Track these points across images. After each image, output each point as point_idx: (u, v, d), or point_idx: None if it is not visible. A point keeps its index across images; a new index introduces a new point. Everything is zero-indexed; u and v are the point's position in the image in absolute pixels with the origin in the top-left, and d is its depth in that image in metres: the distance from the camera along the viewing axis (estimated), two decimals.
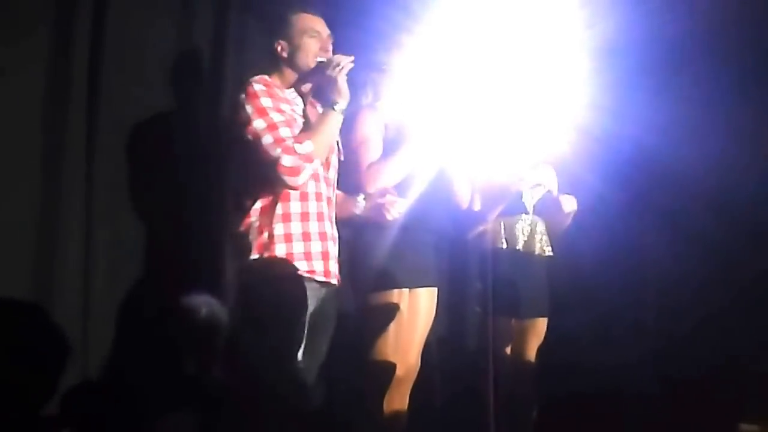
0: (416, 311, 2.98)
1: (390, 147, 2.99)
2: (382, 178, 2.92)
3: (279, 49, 2.72)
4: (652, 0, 3.33)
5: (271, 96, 2.60)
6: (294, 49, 2.71)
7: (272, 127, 2.54)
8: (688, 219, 3.47)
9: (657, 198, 3.53)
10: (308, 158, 2.54)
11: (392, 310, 2.91)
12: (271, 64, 2.75)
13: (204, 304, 2.47)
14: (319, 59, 2.69)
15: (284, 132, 2.55)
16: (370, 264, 2.91)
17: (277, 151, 2.51)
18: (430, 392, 3.28)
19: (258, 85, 2.61)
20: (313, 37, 2.72)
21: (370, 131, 2.98)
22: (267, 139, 2.53)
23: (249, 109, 2.56)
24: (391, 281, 2.91)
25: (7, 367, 2.62)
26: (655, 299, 3.59)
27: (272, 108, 2.58)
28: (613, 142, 3.16)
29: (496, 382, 2.79)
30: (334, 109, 2.64)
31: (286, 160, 2.51)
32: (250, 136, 2.54)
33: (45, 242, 2.80)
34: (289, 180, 2.53)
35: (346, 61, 2.64)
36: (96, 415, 2.84)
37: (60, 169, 2.84)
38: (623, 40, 3.10)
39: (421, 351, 3.03)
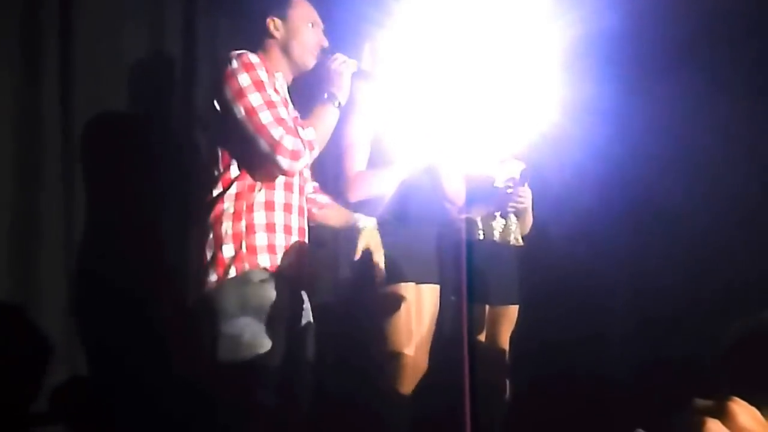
0: (421, 307, 2.98)
1: (376, 151, 2.97)
2: (366, 190, 2.88)
3: (272, 26, 2.53)
4: None
5: (267, 71, 2.42)
6: (291, 34, 2.55)
7: (270, 104, 2.34)
8: (656, 210, 3.57)
9: (627, 190, 3.62)
10: (310, 145, 2.40)
11: (399, 302, 2.90)
12: (258, 40, 2.56)
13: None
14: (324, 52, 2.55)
15: (283, 113, 2.37)
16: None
17: (278, 131, 2.31)
18: None
19: (254, 56, 2.39)
20: (311, 28, 2.57)
21: (358, 136, 2.94)
22: (265, 117, 2.32)
23: (244, 80, 2.34)
24: (400, 274, 2.89)
25: None
26: (624, 288, 3.70)
27: (269, 84, 2.40)
28: (583, 135, 3.23)
29: (472, 367, 2.87)
30: (333, 104, 2.51)
31: (288, 142, 2.32)
32: (242, 110, 2.33)
33: (24, 242, 2.81)
34: (287, 164, 2.34)
35: (352, 60, 2.55)
36: (86, 412, 2.88)
37: (36, 168, 2.85)
38: (595, 35, 3.16)
39: (428, 349, 3.01)
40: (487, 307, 3.43)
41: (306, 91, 2.76)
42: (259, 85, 2.34)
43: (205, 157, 2.58)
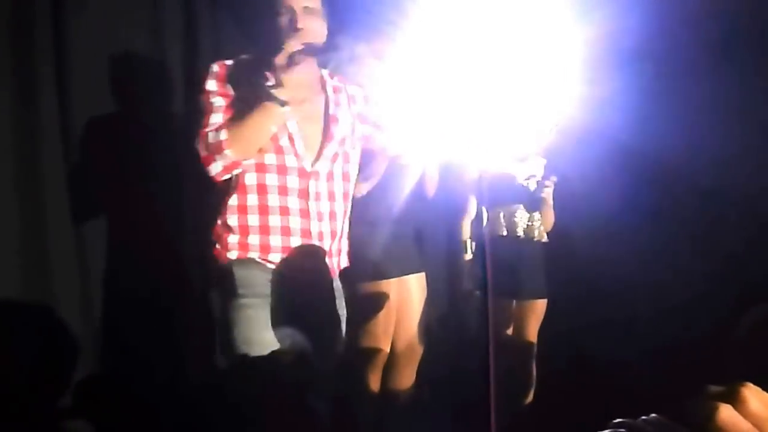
0: (409, 297, 3.15)
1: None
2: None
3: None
4: None
5: (220, 79, 2.39)
6: (267, 27, 2.46)
7: (207, 111, 2.37)
8: (674, 205, 3.57)
9: (647, 186, 3.62)
10: (217, 148, 2.31)
11: (381, 298, 3.06)
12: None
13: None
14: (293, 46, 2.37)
15: (214, 118, 2.35)
16: (361, 257, 3.00)
17: (197, 140, 2.34)
18: (433, 372, 3.40)
19: (215, 65, 2.41)
20: (280, 15, 2.44)
21: None
22: (199, 125, 2.36)
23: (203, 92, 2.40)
24: (379, 272, 3.06)
25: (14, 366, 2.72)
26: (644, 280, 3.70)
27: (215, 92, 2.38)
28: (605, 132, 3.24)
29: (496, 361, 2.89)
30: (270, 101, 2.34)
31: (200, 148, 2.33)
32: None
33: (39, 242, 2.88)
34: (205, 169, 2.33)
35: (300, 54, 2.34)
36: (107, 407, 2.95)
37: (38, 169, 2.90)
38: (614, 33, 3.15)
39: (420, 332, 3.18)
40: (514, 301, 3.46)
41: None
42: (205, 95, 2.37)
43: None
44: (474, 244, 3.38)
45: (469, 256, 3.31)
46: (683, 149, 3.42)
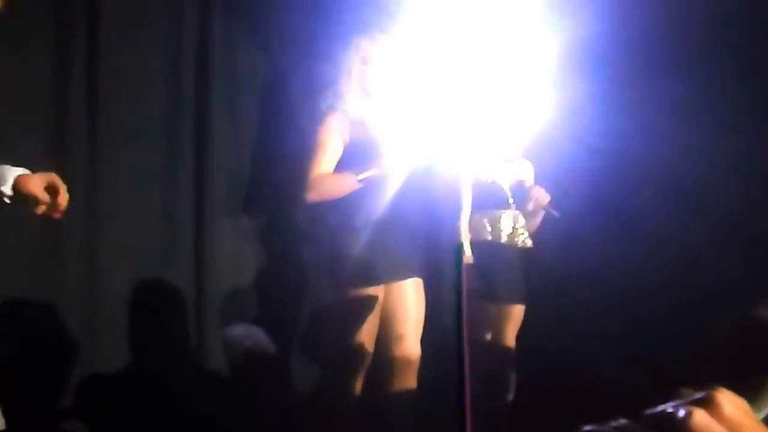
0: (404, 303, 3.06)
1: (353, 147, 3.01)
2: (325, 192, 2.94)
3: None
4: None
5: None
6: None
7: None
8: (650, 212, 3.59)
9: (621, 192, 3.64)
10: None
11: (370, 303, 2.97)
12: None
13: (248, 335, 2.37)
14: None
15: None
16: (350, 260, 2.96)
17: None
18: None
19: None
20: None
21: (329, 137, 2.97)
22: None
23: None
24: (369, 277, 2.97)
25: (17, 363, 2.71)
26: (614, 287, 3.71)
27: None
28: (576, 134, 3.24)
29: (472, 366, 2.88)
30: None
31: None
32: None
33: (49, 241, 2.91)
34: None
35: None
36: (105, 407, 2.93)
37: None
38: (592, 38, 3.18)
39: (419, 339, 3.09)
40: (492, 305, 3.43)
41: None
42: None
43: None
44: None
45: (468, 257, 3.24)
46: (655, 155, 3.43)
